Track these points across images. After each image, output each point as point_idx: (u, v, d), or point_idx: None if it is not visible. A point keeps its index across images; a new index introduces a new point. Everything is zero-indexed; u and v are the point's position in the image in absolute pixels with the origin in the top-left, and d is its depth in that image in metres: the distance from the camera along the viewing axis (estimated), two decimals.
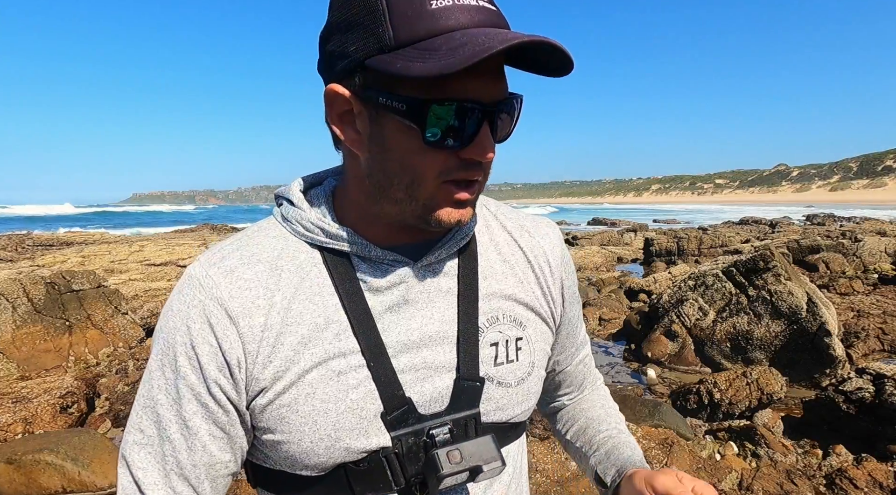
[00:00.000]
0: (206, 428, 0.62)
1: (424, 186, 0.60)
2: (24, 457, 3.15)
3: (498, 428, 0.70)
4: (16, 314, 5.18)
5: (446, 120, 0.56)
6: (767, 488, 2.84)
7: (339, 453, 0.62)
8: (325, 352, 0.62)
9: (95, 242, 13.71)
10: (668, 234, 13.95)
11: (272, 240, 0.66)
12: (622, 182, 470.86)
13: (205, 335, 0.61)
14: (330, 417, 0.62)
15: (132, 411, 0.64)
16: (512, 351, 0.71)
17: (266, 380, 0.62)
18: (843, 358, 4.74)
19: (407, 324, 0.66)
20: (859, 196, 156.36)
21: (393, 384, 0.64)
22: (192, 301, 0.62)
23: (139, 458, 0.62)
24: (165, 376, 0.62)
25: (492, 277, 0.72)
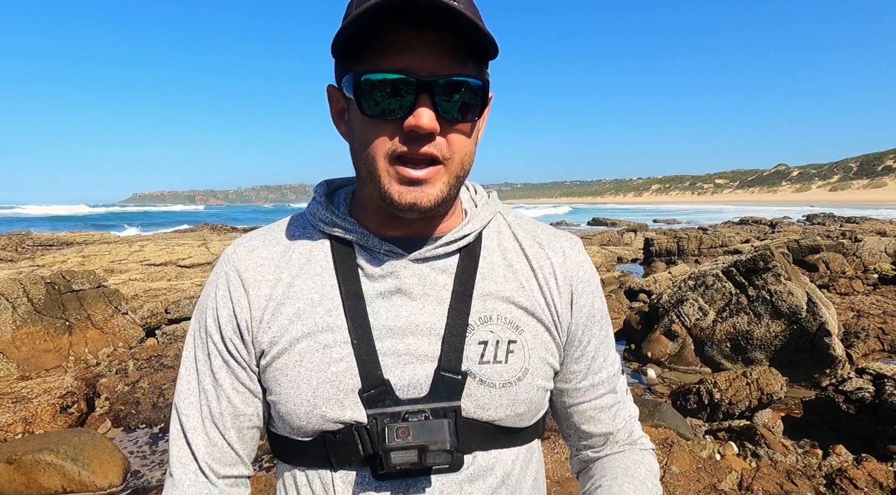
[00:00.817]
0: (230, 382, 0.72)
1: (376, 163, 0.64)
2: (24, 457, 3.15)
3: (483, 427, 0.70)
4: (16, 314, 5.18)
5: (379, 91, 0.61)
6: (767, 488, 2.83)
7: (316, 419, 0.68)
8: (314, 325, 0.69)
9: (95, 242, 13.71)
10: (668, 234, 13.95)
11: (293, 228, 0.77)
12: (622, 182, 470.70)
13: (225, 300, 0.72)
14: (311, 384, 0.68)
15: (181, 365, 0.75)
16: (502, 352, 0.71)
17: (265, 344, 0.70)
18: (843, 358, 4.74)
19: (396, 311, 0.70)
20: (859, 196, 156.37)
21: (373, 363, 0.68)
22: (220, 271, 0.74)
23: (184, 406, 0.73)
24: (200, 336, 0.73)
25: (491, 278, 0.73)
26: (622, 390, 0.83)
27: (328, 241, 0.74)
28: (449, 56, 0.61)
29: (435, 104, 0.61)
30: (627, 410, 0.83)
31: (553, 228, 0.82)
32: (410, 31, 0.60)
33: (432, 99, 0.61)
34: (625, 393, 0.84)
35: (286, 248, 0.74)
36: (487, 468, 0.71)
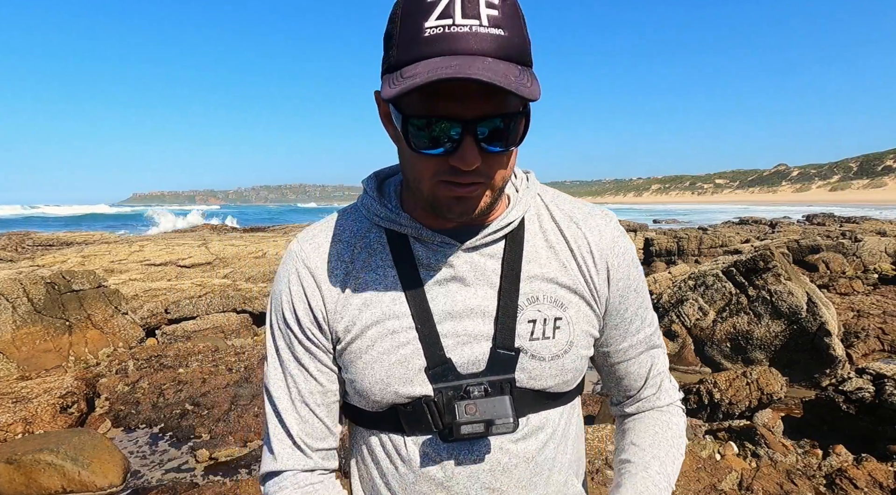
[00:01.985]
0: (314, 365, 0.81)
1: (424, 183, 0.70)
2: (24, 457, 3.16)
3: (534, 394, 0.80)
4: (16, 314, 5.18)
5: (425, 132, 0.65)
6: (767, 488, 2.83)
7: (389, 395, 0.78)
8: (382, 313, 0.78)
9: (95, 242, 13.71)
10: (668, 234, 13.94)
11: (351, 223, 0.83)
12: (622, 182, 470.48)
13: (300, 295, 0.80)
14: (383, 366, 0.77)
15: (266, 354, 0.84)
16: (549, 329, 0.79)
17: (340, 332, 0.79)
18: (843, 358, 4.74)
19: (453, 296, 0.78)
20: (859, 196, 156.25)
21: (436, 345, 0.77)
22: (291, 269, 0.82)
23: (275, 389, 0.82)
24: (279, 328, 0.82)
25: (535, 261, 0.80)
26: (657, 345, 0.91)
27: (384, 235, 0.81)
28: (492, 95, 0.63)
29: (478, 141, 0.65)
30: (660, 363, 0.92)
31: (588, 205, 0.87)
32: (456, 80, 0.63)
33: (475, 137, 0.64)
34: (659, 348, 0.92)
35: (348, 244, 0.81)
36: (539, 427, 0.81)
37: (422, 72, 0.60)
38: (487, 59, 0.61)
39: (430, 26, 0.61)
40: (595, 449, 3.08)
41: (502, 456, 0.78)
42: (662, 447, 0.88)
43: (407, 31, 0.63)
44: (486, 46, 0.61)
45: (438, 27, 0.61)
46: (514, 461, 0.79)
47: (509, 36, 0.63)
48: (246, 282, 8.43)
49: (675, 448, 0.89)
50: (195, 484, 3.28)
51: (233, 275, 9.35)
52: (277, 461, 0.81)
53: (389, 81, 0.63)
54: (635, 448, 0.88)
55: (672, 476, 0.86)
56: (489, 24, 0.62)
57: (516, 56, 0.63)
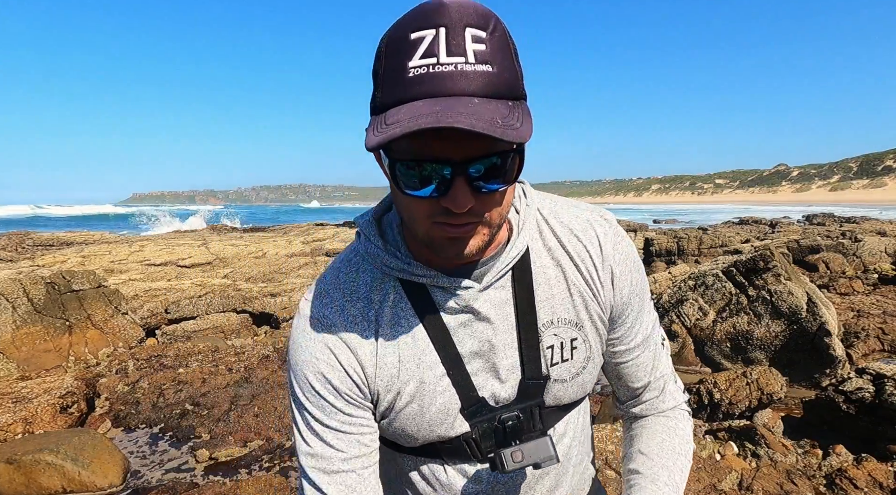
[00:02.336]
0: (358, 430, 0.79)
1: (419, 224, 0.68)
2: (24, 457, 3.15)
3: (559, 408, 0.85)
4: (16, 314, 5.18)
5: (415, 175, 0.63)
6: (767, 488, 2.83)
7: (432, 438, 0.81)
8: (416, 367, 0.78)
9: (95, 242, 13.71)
10: (668, 234, 13.94)
11: (362, 276, 0.80)
12: (622, 182, 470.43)
13: (332, 363, 0.77)
14: (425, 417, 0.79)
15: (296, 432, 0.80)
16: (567, 350, 0.81)
17: (381, 391, 0.79)
18: (843, 358, 4.74)
19: (478, 336, 0.78)
20: (859, 196, 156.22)
21: (469, 386, 0.79)
22: (315, 337, 0.78)
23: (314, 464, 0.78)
24: (311, 401, 0.78)
25: (546, 284, 0.80)
26: (659, 345, 0.92)
27: (399, 284, 0.78)
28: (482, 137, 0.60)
29: (470, 182, 0.62)
30: (663, 364, 0.93)
31: (585, 211, 0.85)
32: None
33: (467, 179, 0.62)
34: (661, 349, 0.92)
35: (368, 300, 0.79)
36: (563, 433, 0.87)
37: (403, 119, 0.57)
38: (473, 100, 0.58)
39: (414, 65, 0.58)
40: (595, 449, 3.08)
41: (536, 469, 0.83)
42: (670, 456, 0.89)
43: (391, 70, 0.61)
44: (473, 86, 0.58)
45: (422, 67, 0.58)
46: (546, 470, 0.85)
47: (498, 71, 0.60)
48: (246, 282, 8.43)
49: (682, 455, 0.90)
50: (195, 484, 3.28)
51: (233, 275, 9.35)
52: None
53: (374, 126, 0.61)
54: (643, 457, 0.89)
55: (680, 485, 0.87)
56: (476, 60, 0.58)
57: (506, 92, 0.61)
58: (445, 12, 0.59)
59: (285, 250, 11.80)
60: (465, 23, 0.59)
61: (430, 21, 0.59)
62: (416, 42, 0.59)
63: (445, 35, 0.58)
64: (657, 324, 0.92)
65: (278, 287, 7.86)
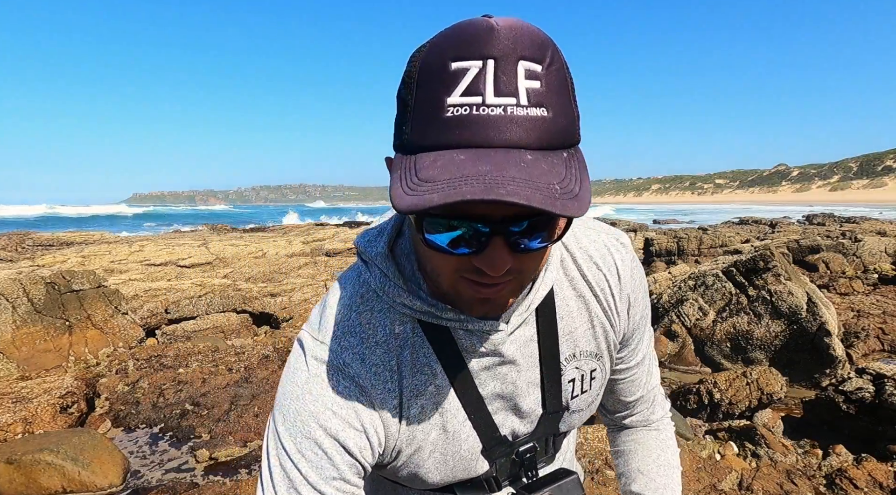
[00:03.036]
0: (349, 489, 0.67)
1: (444, 278, 0.60)
2: (24, 457, 3.16)
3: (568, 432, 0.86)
4: (16, 314, 5.18)
5: (443, 230, 0.54)
6: (767, 488, 2.83)
7: (451, 480, 0.77)
8: (440, 416, 0.72)
9: (95, 242, 13.71)
10: (668, 234, 13.94)
11: (378, 316, 0.69)
12: (622, 182, 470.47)
13: (352, 421, 0.66)
14: (448, 465, 0.74)
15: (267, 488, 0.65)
16: (587, 382, 0.79)
17: (402, 447, 0.71)
18: (843, 358, 4.74)
19: (502, 378, 0.73)
20: (859, 196, 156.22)
21: (491, 428, 0.75)
22: (334, 387, 0.66)
23: None
24: (307, 458, 0.64)
25: (568, 316, 0.76)
26: (651, 357, 0.92)
27: (419, 326, 0.69)
28: None
29: (509, 241, 0.54)
30: (655, 375, 0.93)
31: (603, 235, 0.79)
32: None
33: (506, 238, 0.53)
34: (653, 362, 0.93)
35: (386, 347, 0.68)
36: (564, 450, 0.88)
37: (440, 178, 0.47)
38: (526, 156, 0.48)
39: (454, 104, 0.49)
40: (595, 449, 3.08)
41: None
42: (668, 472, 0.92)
43: (424, 104, 0.51)
44: (525, 136, 0.48)
45: (464, 106, 0.48)
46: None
47: (553, 116, 0.50)
48: (246, 282, 8.43)
49: (676, 469, 0.93)
50: (195, 484, 3.28)
51: (233, 275, 9.36)
52: None
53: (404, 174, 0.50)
54: (644, 478, 0.92)
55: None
56: (529, 102, 0.49)
57: (561, 141, 0.51)
58: (496, 40, 0.49)
59: (285, 250, 11.81)
60: (519, 55, 0.49)
61: (478, 50, 0.49)
62: (458, 74, 0.49)
63: (494, 69, 0.48)
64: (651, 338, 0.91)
65: (278, 287, 7.86)
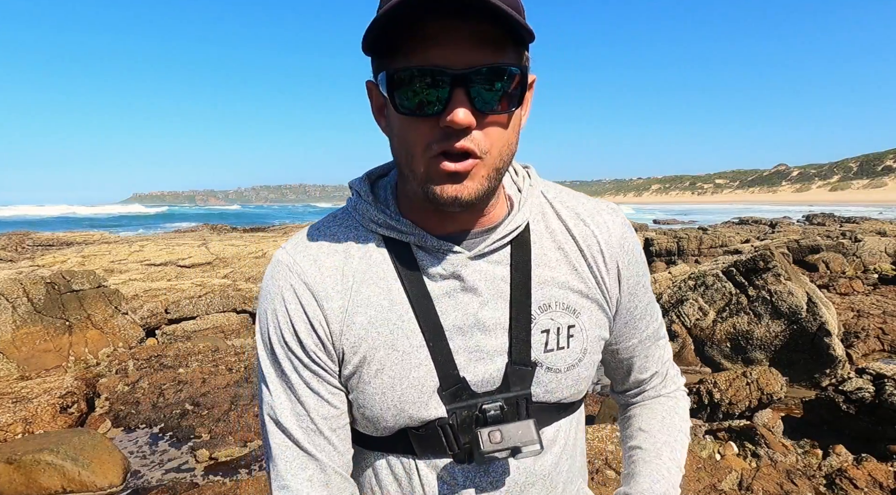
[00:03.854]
0: (325, 388, 0.73)
1: (416, 160, 0.64)
2: (24, 457, 3.16)
3: (549, 407, 0.76)
4: (16, 314, 5.18)
5: (411, 87, 0.59)
6: (767, 488, 2.83)
7: (403, 420, 0.72)
8: (390, 333, 0.71)
9: (95, 242, 13.71)
10: (668, 234, 13.94)
11: (345, 230, 0.75)
12: (622, 182, 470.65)
13: (300, 314, 0.71)
14: (396, 392, 0.71)
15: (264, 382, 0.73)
16: (563, 338, 0.75)
17: (346, 352, 0.72)
18: (843, 358, 4.74)
19: (463, 309, 0.71)
20: (859, 196, 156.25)
21: (449, 364, 0.71)
22: (285, 285, 0.72)
23: (283, 419, 0.72)
24: (280, 351, 0.72)
25: (545, 265, 0.75)
26: (662, 336, 0.90)
27: (383, 243, 0.73)
28: (486, 45, 0.59)
29: (471, 97, 0.59)
30: (666, 352, 0.91)
31: (593, 200, 0.82)
32: (446, 22, 0.58)
33: (468, 92, 0.59)
34: (664, 339, 0.90)
35: (345, 255, 0.73)
36: (553, 440, 0.78)
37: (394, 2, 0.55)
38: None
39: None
40: (595, 449, 3.08)
41: (520, 476, 0.75)
42: (671, 432, 0.87)
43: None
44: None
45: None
46: (531, 480, 0.76)
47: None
48: (246, 282, 8.43)
49: (682, 432, 0.88)
50: (195, 484, 3.28)
51: (233, 275, 9.35)
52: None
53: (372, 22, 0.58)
54: (644, 434, 0.87)
55: (681, 461, 0.86)
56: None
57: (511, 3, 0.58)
58: None
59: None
60: None
61: None
62: None
63: None
64: (661, 315, 0.91)
65: None
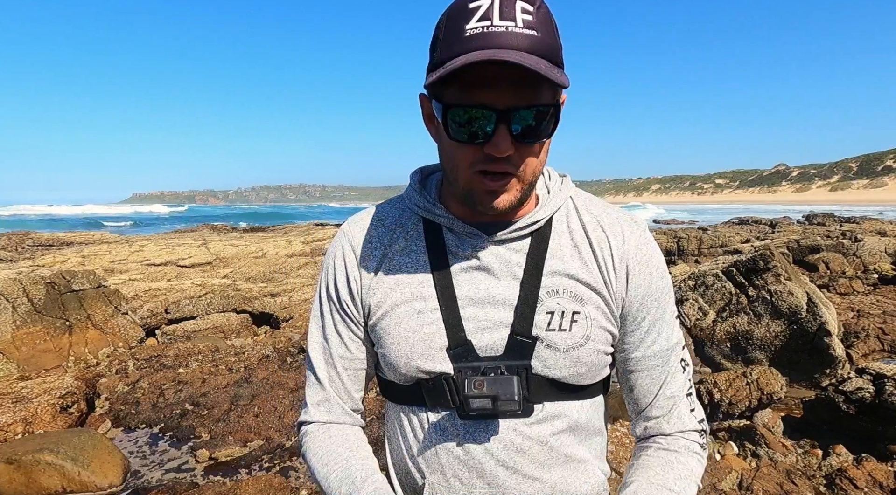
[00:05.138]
0: (347, 332, 0.91)
1: (460, 174, 0.77)
2: (24, 457, 3.15)
3: (550, 382, 0.84)
4: (16, 314, 5.18)
5: (462, 121, 0.72)
6: (767, 488, 2.83)
7: (413, 369, 0.85)
8: (410, 294, 0.85)
9: (95, 242, 13.71)
10: (668, 234, 13.94)
11: (394, 211, 0.93)
12: (622, 182, 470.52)
13: (342, 268, 0.91)
14: (409, 342, 0.84)
15: (311, 316, 0.95)
16: (567, 322, 0.83)
17: (372, 306, 0.88)
18: (843, 358, 4.74)
19: (477, 284, 0.84)
20: (859, 196, 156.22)
21: (458, 327, 0.83)
22: (338, 245, 0.93)
23: (312, 349, 0.94)
24: (324, 295, 0.93)
25: (559, 258, 0.85)
26: (676, 366, 0.90)
27: (421, 223, 0.89)
28: (525, 89, 0.71)
29: (511, 132, 0.72)
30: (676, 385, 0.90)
31: (620, 212, 0.91)
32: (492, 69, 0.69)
33: (509, 127, 0.71)
34: (679, 370, 0.90)
35: (389, 228, 0.91)
36: (555, 415, 0.85)
37: (460, 61, 0.67)
38: (522, 52, 0.67)
39: (471, 27, 0.69)
40: None
41: (515, 437, 0.83)
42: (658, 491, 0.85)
43: (450, 33, 0.71)
44: (521, 43, 0.68)
45: (478, 28, 0.69)
46: (526, 443, 0.83)
47: (542, 37, 0.70)
48: (246, 282, 8.44)
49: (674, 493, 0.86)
50: (195, 484, 3.28)
51: (233, 275, 9.36)
52: (309, 412, 0.93)
53: (432, 75, 0.71)
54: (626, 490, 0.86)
55: None
56: (524, 25, 0.69)
57: (548, 54, 0.70)
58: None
59: (285, 250, 11.81)
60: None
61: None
62: (474, 10, 0.70)
63: (499, 4, 0.69)
64: (681, 344, 0.91)
65: (278, 287, 7.86)
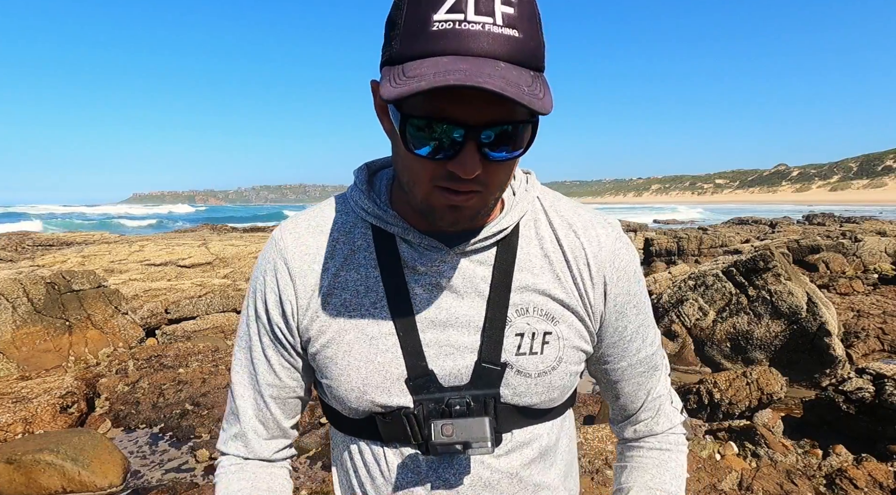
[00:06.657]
0: (276, 358, 0.78)
1: (419, 187, 0.65)
2: (24, 457, 3.15)
3: (519, 410, 0.75)
4: (16, 314, 5.18)
5: (425, 133, 0.59)
6: (767, 488, 2.83)
7: (366, 404, 0.74)
8: (361, 317, 0.73)
9: (95, 242, 13.71)
10: (668, 234, 13.94)
11: (337, 215, 0.78)
12: (622, 182, 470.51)
13: (272, 286, 0.76)
14: (360, 374, 0.73)
15: (237, 337, 0.82)
16: (538, 344, 0.74)
17: (313, 332, 0.75)
18: (843, 358, 4.74)
19: (438, 304, 0.73)
20: (859, 196, 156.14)
21: (418, 355, 0.72)
22: (268, 257, 0.78)
23: (235, 374, 0.82)
24: (250, 314, 0.79)
25: (528, 270, 0.75)
26: (657, 367, 0.86)
27: (370, 231, 0.75)
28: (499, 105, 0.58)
29: (480, 148, 0.59)
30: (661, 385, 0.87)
31: (591, 212, 0.80)
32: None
33: (478, 144, 0.59)
34: (659, 370, 0.86)
35: (331, 237, 0.76)
36: (524, 442, 0.77)
37: (427, 73, 0.54)
38: (500, 64, 0.55)
39: (439, 19, 0.55)
40: (595, 449, 3.08)
41: (484, 471, 0.75)
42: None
43: (412, 21, 0.57)
44: (499, 48, 0.56)
45: (448, 22, 0.55)
46: (496, 476, 0.75)
47: (524, 38, 0.57)
48: (246, 282, 8.43)
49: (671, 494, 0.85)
50: (195, 484, 3.28)
51: (233, 275, 9.35)
52: (227, 444, 0.83)
53: (390, 77, 0.57)
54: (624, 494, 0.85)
55: None
56: (503, 23, 0.56)
57: (530, 61, 0.58)
58: None
59: None
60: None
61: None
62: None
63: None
64: (659, 343, 0.87)
65: None
